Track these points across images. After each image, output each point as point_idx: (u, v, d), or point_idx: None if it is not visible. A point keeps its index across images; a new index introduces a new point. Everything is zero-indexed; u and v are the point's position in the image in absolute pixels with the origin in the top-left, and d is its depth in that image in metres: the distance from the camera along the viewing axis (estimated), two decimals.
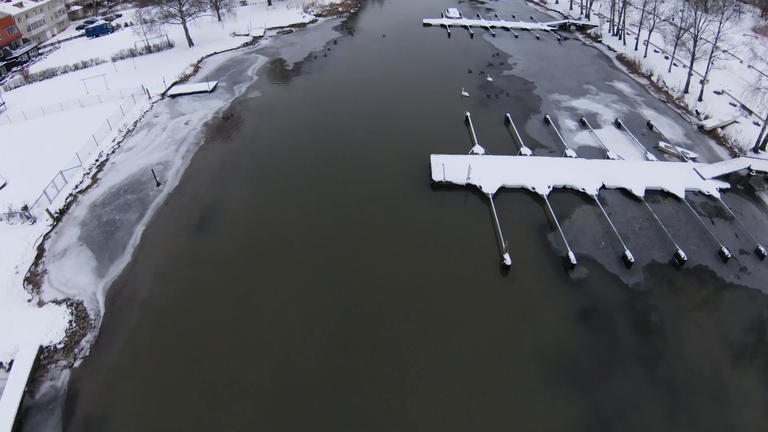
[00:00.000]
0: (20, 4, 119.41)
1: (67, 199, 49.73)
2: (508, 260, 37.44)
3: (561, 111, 63.26)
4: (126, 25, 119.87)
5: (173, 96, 71.66)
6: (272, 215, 44.83)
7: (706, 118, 64.11)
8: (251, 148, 55.36)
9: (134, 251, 41.45)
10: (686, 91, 71.09)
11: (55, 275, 39.91)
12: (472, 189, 47.14)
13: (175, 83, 76.25)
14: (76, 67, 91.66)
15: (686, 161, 53.45)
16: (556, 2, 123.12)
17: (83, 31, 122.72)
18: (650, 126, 60.18)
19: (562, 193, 46.36)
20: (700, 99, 68.68)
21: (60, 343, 34.15)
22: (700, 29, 68.42)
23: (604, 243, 40.67)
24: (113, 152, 58.39)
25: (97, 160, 56.67)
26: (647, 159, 52.67)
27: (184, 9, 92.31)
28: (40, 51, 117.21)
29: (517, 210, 44.52)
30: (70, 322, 35.58)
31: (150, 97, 71.66)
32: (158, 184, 50.25)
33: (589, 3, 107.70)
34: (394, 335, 33.26)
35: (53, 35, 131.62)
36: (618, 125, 59.81)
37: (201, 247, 41.19)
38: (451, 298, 35.88)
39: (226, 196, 47.30)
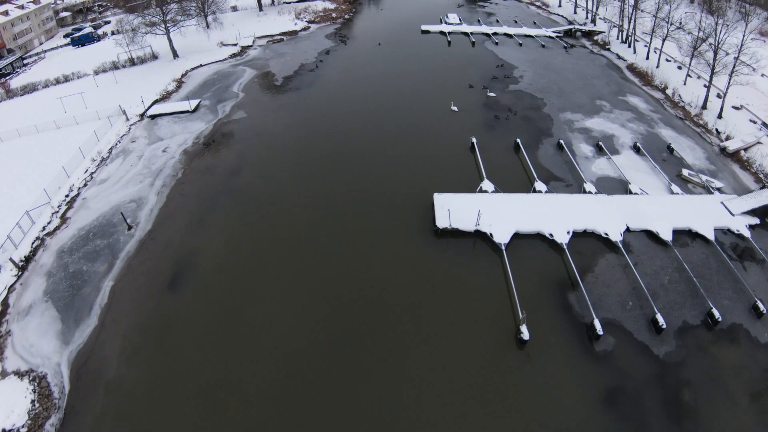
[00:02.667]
0: (6, 12, 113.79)
1: (33, 243, 45.62)
2: (525, 334, 32.44)
3: (575, 133, 58.05)
4: (113, 33, 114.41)
5: (153, 117, 66.53)
6: (252, 271, 39.46)
7: (727, 138, 59.30)
8: (232, 184, 49.93)
9: (101, 313, 37.22)
10: (704, 106, 66.08)
11: (19, 338, 36.32)
12: (481, 235, 41.81)
13: (156, 101, 71.06)
14: (57, 81, 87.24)
15: (712, 192, 48.70)
16: (559, 6, 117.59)
17: (69, 40, 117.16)
18: (671, 150, 55.28)
19: (582, 238, 41.25)
20: (719, 116, 63.76)
21: (23, 426, 30.64)
22: (721, 40, 63.30)
23: (632, 303, 35.82)
24: (85, 185, 53.60)
25: (67, 196, 52.11)
26: (671, 191, 47.73)
27: (168, 18, 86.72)
28: (25, 62, 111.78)
29: (534, 263, 39.17)
30: (33, 402, 32.06)
31: (128, 119, 66.50)
32: (129, 228, 45.38)
33: (594, 7, 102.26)
34: (395, 426, 28.42)
35: (41, 43, 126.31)
36: (637, 149, 54.86)
37: (172, 314, 36.18)
38: (458, 378, 30.98)
39: (202, 246, 42.09)
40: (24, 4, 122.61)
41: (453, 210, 42.69)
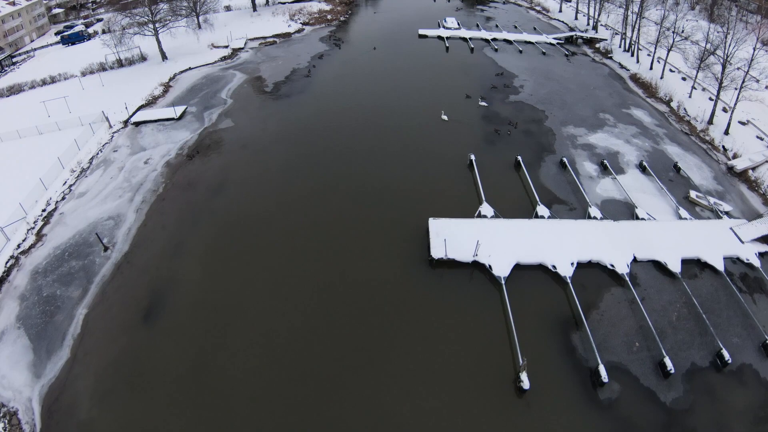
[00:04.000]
0: None
1: (7, 263, 43.17)
2: (525, 383, 29.93)
3: (578, 150, 55.49)
4: (103, 31, 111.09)
5: (137, 124, 63.63)
6: (230, 308, 36.29)
7: (735, 156, 57.11)
8: (214, 203, 46.95)
9: (74, 344, 34.93)
10: (710, 121, 63.80)
11: None
12: (479, 266, 39.05)
13: (141, 107, 68.15)
14: (43, 82, 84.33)
15: (721, 217, 46.44)
16: (560, 11, 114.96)
17: (59, 38, 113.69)
18: (677, 169, 52.96)
19: (587, 270, 38.67)
20: (726, 132, 61.49)
21: None
22: (730, 54, 60.94)
23: (639, 344, 33.48)
24: (63, 198, 51.03)
25: (44, 210, 49.56)
26: (679, 215, 45.39)
27: (156, 18, 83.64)
28: (14, 60, 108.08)
29: (535, 298, 36.47)
30: None
31: (110, 126, 63.59)
32: (105, 249, 42.71)
33: (596, 14, 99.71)
34: None
35: (32, 41, 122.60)
36: (643, 168, 52.47)
37: (145, 354, 33.44)
38: (452, 429, 28.46)
39: (179, 274, 39.22)
40: (15, 0, 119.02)
41: (449, 237, 39.90)
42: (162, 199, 47.71)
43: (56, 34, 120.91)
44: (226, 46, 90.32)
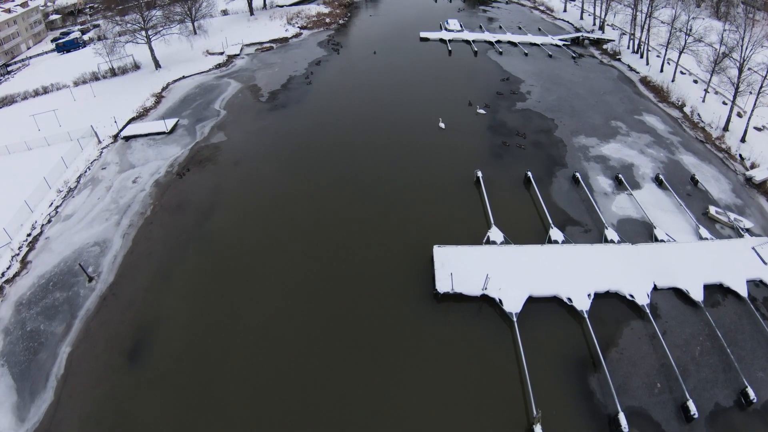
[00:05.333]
0: None
1: None
2: None
3: (591, 163, 52.44)
4: (98, 38, 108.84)
5: (127, 138, 61.19)
6: (220, 352, 33.58)
7: (752, 166, 54.19)
8: (203, 229, 44.05)
9: (57, 386, 32.87)
10: (726, 128, 60.80)
11: None
12: (489, 300, 36.02)
13: (132, 119, 65.75)
14: (36, 93, 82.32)
15: (742, 235, 43.61)
16: (564, 10, 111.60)
17: (54, 45, 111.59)
18: (695, 181, 50.08)
19: (605, 301, 35.71)
20: (743, 139, 58.49)
21: None
22: (746, 58, 57.89)
23: (660, 385, 30.78)
24: (49, 221, 48.86)
25: (29, 234, 47.41)
26: (699, 235, 42.54)
27: (149, 26, 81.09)
28: (9, 69, 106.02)
29: (550, 336, 33.52)
30: None
31: (100, 141, 61.21)
32: (90, 279, 40.40)
33: (603, 13, 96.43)
34: None
35: (28, 48, 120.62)
36: (659, 182, 49.58)
37: (130, 400, 31.01)
38: None
39: (166, 310, 36.46)
40: (11, 7, 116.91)
41: (456, 267, 36.84)
42: (150, 223, 45.23)
43: (52, 41, 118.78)
44: (222, 53, 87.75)
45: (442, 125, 60.32)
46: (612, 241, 40.47)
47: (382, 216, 44.76)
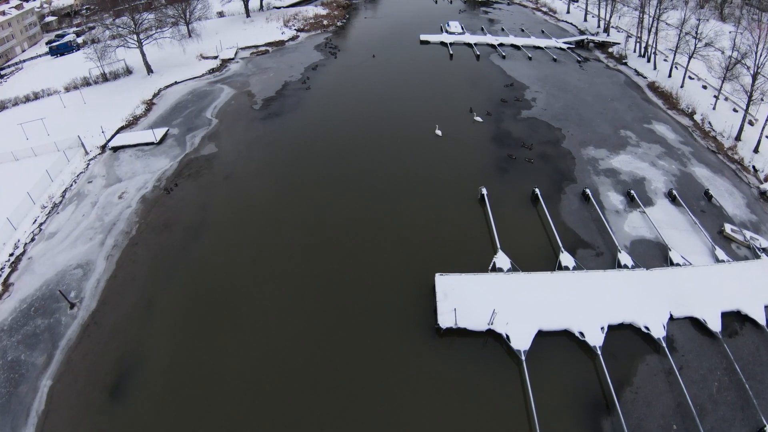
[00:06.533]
0: None
1: None
2: None
3: (601, 177, 49.87)
4: (93, 42, 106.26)
5: (114, 149, 58.83)
6: (204, 391, 31.30)
7: (766, 179, 51.84)
8: (190, 252, 41.40)
9: (38, 422, 30.74)
10: (738, 137, 58.45)
11: None
12: (494, 334, 33.46)
13: (121, 128, 63.37)
14: (27, 99, 79.96)
15: (759, 256, 41.30)
16: (567, 12, 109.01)
17: (48, 48, 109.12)
18: (708, 196, 47.78)
19: (619, 334, 33.22)
20: (756, 150, 56.17)
21: None
22: (761, 64, 55.49)
23: (676, 427, 28.54)
24: (32, 240, 46.64)
25: (11, 254, 45.17)
26: (716, 257, 40.19)
27: (140, 30, 78.58)
28: (2, 73, 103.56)
29: (561, 374, 31.07)
30: None
31: (87, 152, 58.83)
32: (72, 306, 38.16)
33: (608, 16, 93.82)
34: None
35: (23, 50, 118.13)
36: (672, 198, 47.23)
37: None
38: None
39: (149, 341, 34.02)
40: (5, 9, 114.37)
41: (460, 296, 34.33)
42: (135, 243, 42.88)
43: (47, 44, 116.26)
44: (216, 57, 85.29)
45: (438, 132, 58.11)
46: (625, 266, 37.98)
47: (379, 240, 41.90)
